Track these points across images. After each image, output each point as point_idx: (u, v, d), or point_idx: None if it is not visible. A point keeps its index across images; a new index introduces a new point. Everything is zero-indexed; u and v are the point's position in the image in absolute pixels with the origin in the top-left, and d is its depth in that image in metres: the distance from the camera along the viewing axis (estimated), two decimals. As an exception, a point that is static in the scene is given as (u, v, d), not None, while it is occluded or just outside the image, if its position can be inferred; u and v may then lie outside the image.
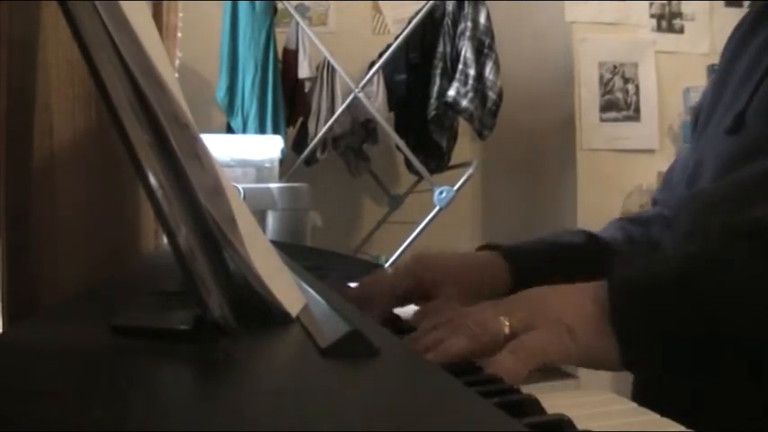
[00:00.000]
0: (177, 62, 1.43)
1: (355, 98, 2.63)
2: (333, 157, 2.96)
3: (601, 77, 2.99)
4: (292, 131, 2.94)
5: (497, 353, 0.49)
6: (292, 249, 1.07)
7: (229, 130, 2.74)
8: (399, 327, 0.64)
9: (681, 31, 3.09)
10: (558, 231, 0.83)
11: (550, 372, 0.50)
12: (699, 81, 3.03)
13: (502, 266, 0.72)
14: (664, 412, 0.39)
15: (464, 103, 2.63)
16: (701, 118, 0.79)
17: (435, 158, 2.89)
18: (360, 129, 2.93)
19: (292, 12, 2.77)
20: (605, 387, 0.46)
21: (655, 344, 0.49)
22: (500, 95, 2.68)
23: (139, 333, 0.39)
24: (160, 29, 1.16)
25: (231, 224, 0.39)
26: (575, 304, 0.51)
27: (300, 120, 2.91)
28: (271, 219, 1.86)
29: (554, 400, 0.40)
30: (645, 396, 0.51)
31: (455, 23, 2.74)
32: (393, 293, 0.71)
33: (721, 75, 0.78)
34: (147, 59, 0.34)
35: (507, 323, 0.51)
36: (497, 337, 0.50)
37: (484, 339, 0.50)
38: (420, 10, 2.71)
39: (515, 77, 3.05)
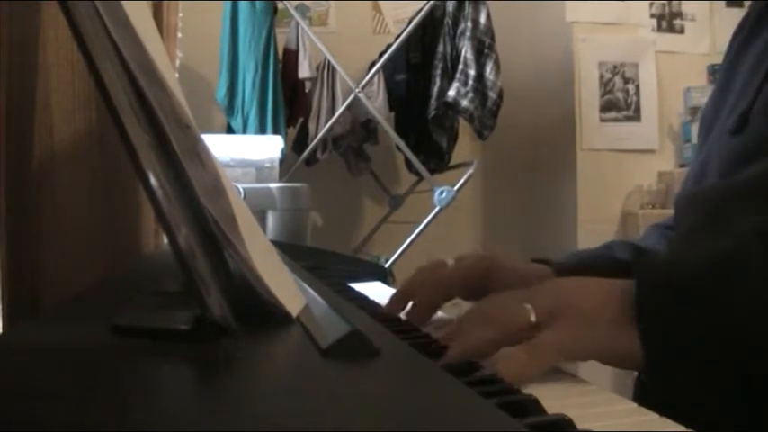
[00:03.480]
0: (177, 62, 1.43)
1: (355, 98, 2.63)
2: (333, 157, 2.97)
3: (601, 77, 2.99)
4: (292, 131, 2.94)
5: (517, 346, 0.48)
6: (292, 249, 1.07)
7: (229, 130, 2.74)
8: (399, 327, 0.64)
9: (681, 31, 3.09)
10: (607, 244, 0.81)
11: (550, 371, 0.49)
12: (699, 81, 3.03)
13: None
14: (664, 412, 0.39)
15: (464, 103, 2.63)
16: (705, 120, 0.78)
17: (435, 159, 2.89)
18: (360, 129, 2.93)
19: (292, 12, 2.78)
20: (605, 387, 0.46)
21: (679, 343, 0.47)
22: (500, 95, 2.67)
23: (139, 333, 0.39)
24: (160, 29, 1.16)
25: (231, 224, 0.39)
26: (600, 299, 0.50)
27: (301, 120, 2.91)
28: (271, 219, 1.86)
29: (554, 400, 0.40)
30: (646, 396, 0.50)
31: (455, 23, 2.74)
32: (466, 280, 0.69)
33: (725, 76, 0.77)
34: (148, 59, 0.34)
35: (533, 311, 0.50)
36: (523, 326, 0.50)
37: (508, 328, 0.50)
38: (420, 10, 2.71)
39: (515, 77, 3.05)
